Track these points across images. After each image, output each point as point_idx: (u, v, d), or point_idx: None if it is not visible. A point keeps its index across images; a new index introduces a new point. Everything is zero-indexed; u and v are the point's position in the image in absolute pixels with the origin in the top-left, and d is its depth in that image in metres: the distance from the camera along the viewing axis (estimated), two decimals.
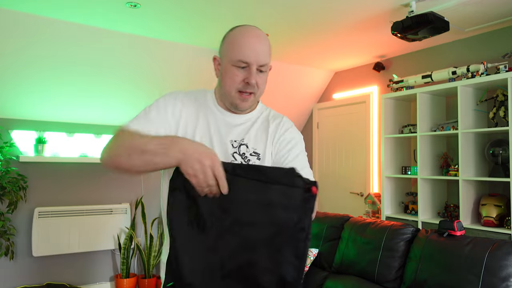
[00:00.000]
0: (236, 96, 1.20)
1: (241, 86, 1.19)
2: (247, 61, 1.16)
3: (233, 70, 1.18)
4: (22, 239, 3.65)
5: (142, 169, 1.06)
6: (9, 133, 3.62)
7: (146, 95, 3.93)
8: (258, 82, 1.19)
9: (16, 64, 3.22)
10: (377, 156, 4.21)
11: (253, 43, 1.17)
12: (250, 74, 1.17)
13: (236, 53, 1.16)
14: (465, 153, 3.11)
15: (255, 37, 1.18)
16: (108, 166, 1.10)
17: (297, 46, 3.77)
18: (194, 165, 0.96)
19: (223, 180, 0.98)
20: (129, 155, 1.05)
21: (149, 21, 3.12)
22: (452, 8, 2.80)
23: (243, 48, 1.16)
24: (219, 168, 0.97)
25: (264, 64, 1.18)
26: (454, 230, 2.25)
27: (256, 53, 1.16)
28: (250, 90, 1.19)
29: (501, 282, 1.94)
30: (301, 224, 1.02)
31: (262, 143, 1.27)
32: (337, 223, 2.84)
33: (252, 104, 1.25)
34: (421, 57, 3.86)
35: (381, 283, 2.41)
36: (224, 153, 1.21)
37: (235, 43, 1.18)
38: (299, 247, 1.02)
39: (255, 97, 1.23)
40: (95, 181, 4.02)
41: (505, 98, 2.96)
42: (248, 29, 1.21)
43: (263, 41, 1.19)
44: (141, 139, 1.06)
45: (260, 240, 1.01)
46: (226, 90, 1.21)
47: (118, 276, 3.93)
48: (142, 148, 1.03)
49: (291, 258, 1.02)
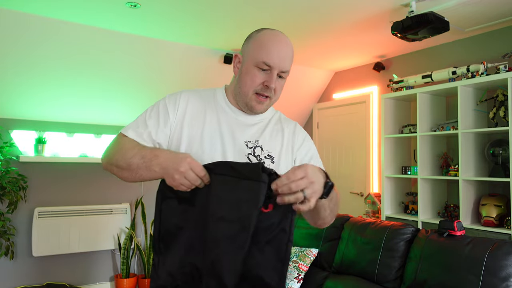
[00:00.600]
0: (253, 97, 1.20)
1: (260, 88, 1.19)
2: (271, 64, 1.16)
3: (254, 71, 1.18)
4: (22, 239, 3.65)
5: (132, 180, 1.13)
6: (9, 133, 3.62)
7: (146, 95, 3.93)
8: (277, 87, 1.20)
9: (16, 64, 3.22)
10: (377, 156, 4.21)
11: (279, 48, 1.17)
12: (271, 78, 1.17)
13: (262, 55, 1.16)
14: (465, 153, 3.11)
15: (282, 43, 1.18)
16: (108, 171, 1.19)
17: (297, 46, 3.77)
18: (174, 176, 1.01)
19: (204, 175, 1.02)
20: (118, 167, 1.13)
21: (149, 21, 3.12)
22: (452, 8, 2.80)
23: (270, 51, 1.16)
24: (197, 168, 1.01)
25: (285, 70, 1.19)
26: (454, 230, 2.25)
27: (280, 59, 1.16)
28: (268, 94, 1.20)
29: (501, 282, 1.94)
30: (282, 225, 1.00)
31: (277, 146, 1.27)
32: (337, 223, 2.84)
33: (267, 108, 1.25)
34: (421, 57, 3.86)
35: (381, 283, 2.41)
36: (238, 153, 1.20)
37: (262, 44, 1.17)
38: (281, 250, 1.00)
39: (270, 101, 1.23)
40: (95, 181, 4.02)
41: (505, 98, 2.96)
42: (276, 33, 1.20)
43: (289, 48, 1.20)
44: (128, 152, 1.11)
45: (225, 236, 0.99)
46: (244, 90, 1.20)
47: (118, 276, 3.93)
48: (127, 162, 1.10)
49: (274, 261, 1.00)
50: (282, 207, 1.00)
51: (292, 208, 0.99)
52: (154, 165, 1.05)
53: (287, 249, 1.00)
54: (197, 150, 1.18)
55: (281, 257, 1.00)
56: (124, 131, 1.19)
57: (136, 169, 1.08)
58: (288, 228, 1.00)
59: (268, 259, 1.00)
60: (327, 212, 1.14)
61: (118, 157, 1.13)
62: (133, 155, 1.09)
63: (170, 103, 1.23)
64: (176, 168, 1.00)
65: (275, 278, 0.99)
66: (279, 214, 1.00)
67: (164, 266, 1.09)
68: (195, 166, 1.01)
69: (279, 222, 1.00)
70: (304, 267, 2.70)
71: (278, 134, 1.29)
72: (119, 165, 1.12)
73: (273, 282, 0.99)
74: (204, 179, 1.02)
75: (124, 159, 1.11)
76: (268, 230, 1.00)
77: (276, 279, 0.99)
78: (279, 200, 0.96)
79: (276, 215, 1.00)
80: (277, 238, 1.00)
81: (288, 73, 1.21)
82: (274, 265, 1.00)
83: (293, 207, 0.98)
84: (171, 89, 3.93)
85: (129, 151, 1.11)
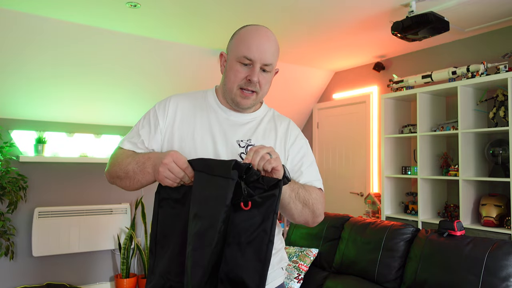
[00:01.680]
0: (237, 93, 1.20)
1: (243, 83, 1.19)
2: (251, 58, 1.16)
3: (237, 66, 1.18)
4: (22, 239, 3.65)
5: (134, 188, 1.17)
6: (9, 133, 3.62)
7: (146, 95, 3.93)
8: (261, 81, 1.19)
9: (16, 64, 3.22)
10: (377, 156, 4.21)
11: (259, 42, 1.17)
12: (253, 72, 1.17)
13: (242, 49, 1.17)
14: (465, 153, 3.11)
15: (263, 36, 1.18)
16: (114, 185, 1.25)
17: (297, 46, 3.77)
18: (160, 171, 1.05)
19: (186, 167, 1.05)
20: (118, 178, 1.18)
21: (149, 21, 3.12)
22: (452, 8, 2.80)
23: (249, 45, 1.16)
24: (180, 161, 1.04)
25: (268, 63, 1.18)
26: (454, 230, 2.25)
27: (261, 51, 1.16)
28: (252, 88, 1.19)
29: (501, 282, 1.94)
30: (263, 226, 1.00)
31: (270, 145, 1.26)
32: (337, 223, 2.84)
33: (253, 103, 1.24)
34: (421, 57, 3.86)
35: (381, 283, 2.41)
36: (231, 152, 1.20)
37: (243, 39, 1.18)
38: (262, 250, 0.99)
39: (257, 96, 1.22)
40: (95, 181, 4.02)
41: (505, 98, 2.96)
42: (257, 28, 1.21)
43: (271, 41, 1.19)
44: (124, 161, 1.17)
45: (196, 233, 0.99)
46: (228, 86, 1.21)
47: (118, 276, 3.93)
48: (125, 170, 1.15)
49: (254, 262, 0.99)
50: (264, 207, 1.00)
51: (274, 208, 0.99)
52: (147, 167, 1.10)
53: (267, 250, 0.99)
54: (190, 151, 1.19)
55: (262, 258, 0.99)
56: (121, 143, 1.25)
57: (133, 175, 1.13)
58: (269, 229, 1.00)
59: (248, 260, 1.00)
60: (299, 207, 1.17)
61: (117, 168, 1.18)
62: (129, 163, 1.15)
63: (160, 110, 1.25)
64: (162, 163, 1.04)
65: (256, 279, 0.99)
66: (261, 215, 1.00)
67: (157, 267, 1.10)
68: (178, 159, 1.04)
69: (260, 223, 1.00)
70: (304, 267, 2.70)
71: (271, 133, 1.29)
72: (119, 175, 1.17)
73: (253, 283, 0.99)
74: (187, 172, 1.05)
75: (122, 169, 1.16)
76: (248, 231, 1.01)
77: (256, 280, 0.99)
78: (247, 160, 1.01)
79: (257, 216, 1.00)
80: (258, 239, 1.00)
81: (272, 67, 1.21)
82: (255, 266, 0.99)
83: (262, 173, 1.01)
84: (171, 89, 3.93)
85: (125, 160, 1.17)
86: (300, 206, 1.17)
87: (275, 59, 1.21)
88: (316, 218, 1.23)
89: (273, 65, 1.20)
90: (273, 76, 1.26)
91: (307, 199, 1.18)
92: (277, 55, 1.22)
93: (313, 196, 1.20)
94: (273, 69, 1.23)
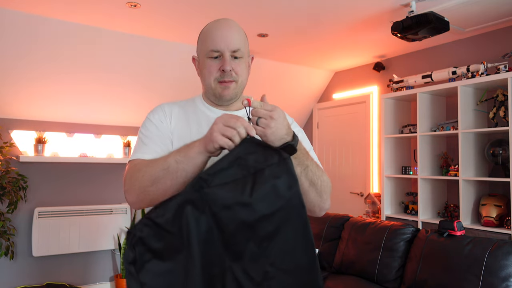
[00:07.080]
0: (216, 86, 1.20)
1: (218, 75, 1.18)
2: (218, 48, 1.17)
3: (208, 62, 1.19)
4: (22, 239, 3.65)
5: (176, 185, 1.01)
6: (9, 133, 3.62)
7: (146, 95, 3.93)
8: (235, 69, 1.19)
9: (16, 64, 3.22)
10: (377, 156, 4.21)
11: (221, 31, 1.18)
12: (224, 61, 1.17)
13: (208, 45, 1.18)
14: (465, 153, 3.11)
15: (223, 25, 1.19)
16: (142, 205, 1.09)
17: (297, 46, 3.77)
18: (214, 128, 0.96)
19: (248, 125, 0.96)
20: (154, 183, 1.02)
21: (149, 21, 3.12)
22: (452, 8, 2.80)
23: (213, 37, 1.17)
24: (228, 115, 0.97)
25: (236, 49, 1.18)
26: (454, 230, 2.26)
27: (225, 40, 1.17)
28: (228, 78, 1.18)
29: (501, 282, 1.94)
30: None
31: None
32: (337, 223, 2.84)
33: (235, 92, 1.22)
34: (421, 57, 3.86)
35: (381, 283, 2.41)
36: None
37: (206, 35, 1.20)
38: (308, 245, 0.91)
39: (237, 85, 1.21)
40: (95, 181, 4.02)
41: (505, 98, 2.96)
42: (217, 20, 1.22)
43: (233, 28, 1.19)
44: (153, 164, 1.05)
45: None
46: (207, 83, 1.21)
47: (118, 276, 3.93)
48: (162, 167, 1.02)
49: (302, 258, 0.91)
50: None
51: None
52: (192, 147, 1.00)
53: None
54: None
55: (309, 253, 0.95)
56: (132, 159, 1.15)
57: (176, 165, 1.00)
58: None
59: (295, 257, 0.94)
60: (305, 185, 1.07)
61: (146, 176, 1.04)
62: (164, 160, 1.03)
63: (155, 115, 1.23)
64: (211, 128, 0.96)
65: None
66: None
67: None
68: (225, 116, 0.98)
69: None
70: None
71: None
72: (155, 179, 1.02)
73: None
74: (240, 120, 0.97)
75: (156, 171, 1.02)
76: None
77: None
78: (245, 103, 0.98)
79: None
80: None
81: (242, 52, 1.19)
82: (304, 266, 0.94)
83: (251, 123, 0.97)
84: (171, 89, 3.94)
85: (152, 164, 1.05)
86: (307, 184, 1.08)
87: (242, 44, 1.20)
88: (323, 203, 1.15)
89: (242, 50, 1.20)
90: (249, 63, 1.26)
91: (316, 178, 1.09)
92: (244, 39, 1.22)
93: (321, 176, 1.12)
94: (246, 55, 1.22)
